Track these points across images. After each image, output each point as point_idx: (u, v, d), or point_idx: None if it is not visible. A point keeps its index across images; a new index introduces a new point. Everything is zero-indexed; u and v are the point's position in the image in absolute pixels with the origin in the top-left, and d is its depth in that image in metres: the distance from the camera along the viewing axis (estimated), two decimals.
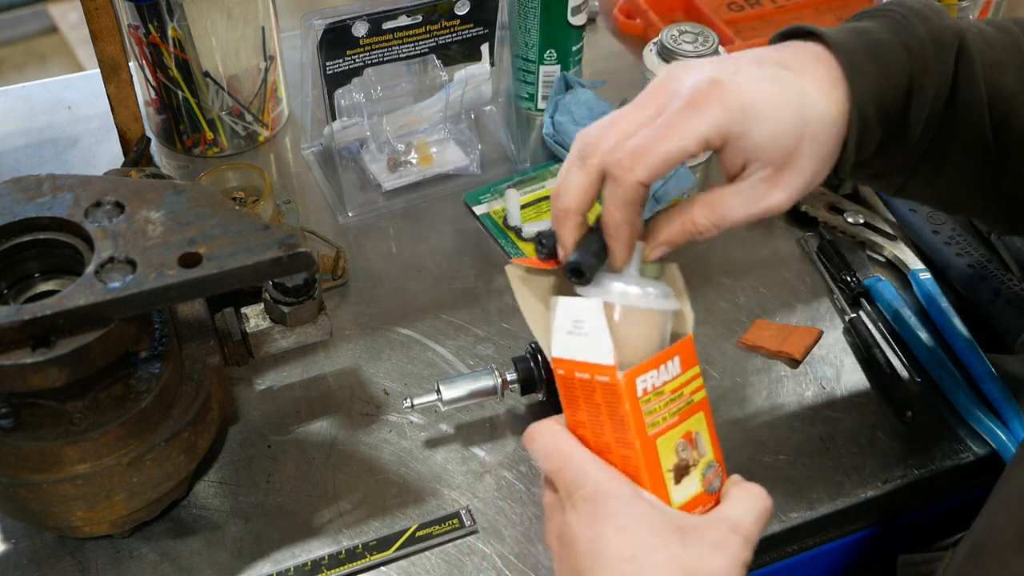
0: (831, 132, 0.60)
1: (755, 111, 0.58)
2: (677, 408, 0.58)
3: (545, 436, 0.60)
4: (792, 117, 0.59)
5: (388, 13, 0.92)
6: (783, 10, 1.25)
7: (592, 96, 1.03)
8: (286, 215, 0.93)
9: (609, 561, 0.54)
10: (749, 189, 0.60)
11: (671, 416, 0.58)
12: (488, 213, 0.99)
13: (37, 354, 0.59)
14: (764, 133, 0.58)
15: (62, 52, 2.89)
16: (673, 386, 0.58)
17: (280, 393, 0.84)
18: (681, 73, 0.60)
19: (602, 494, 0.56)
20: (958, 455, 0.81)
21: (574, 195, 0.60)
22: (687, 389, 0.59)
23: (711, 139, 0.58)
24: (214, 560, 0.73)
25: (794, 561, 0.79)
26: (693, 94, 0.58)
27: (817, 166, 0.60)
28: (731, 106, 0.58)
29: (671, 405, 0.58)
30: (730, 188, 0.60)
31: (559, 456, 0.59)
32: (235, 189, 0.93)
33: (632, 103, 0.61)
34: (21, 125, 1.10)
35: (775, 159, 0.59)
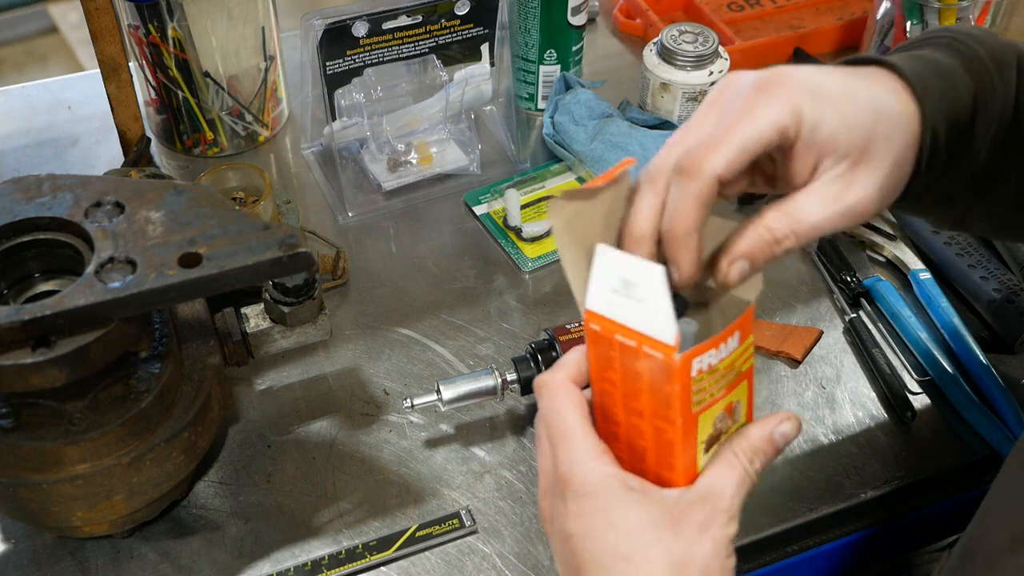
0: (904, 133, 0.57)
1: (825, 95, 0.55)
2: (726, 382, 0.55)
3: (552, 397, 0.57)
4: (864, 106, 0.56)
5: (388, 13, 0.92)
6: (783, 10, 1.25)
7: (592, 96, 1.03)
8: (286, 215, 0.93)
9: (603, 561, 0.53)
10: (824, 188, 0.56)
11: (718, 391, 0.55)
12: (488, 213, 0.99)
13: (37, 354, 0.59)
14: (837, 119, 0.55)
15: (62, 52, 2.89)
16: (727, 362, 0.55)
17: (280, 393, 0.84)
18: (738, 76, 0.57)
19: (590, 490, 0.54)
20: (958, 455, 0.81)
21: (644, 219, 0.56)
22: (739, 361, 0.56)
23: (786, 123, 0.54)
24: (214, 560, 0.73)
25: (794, 561, 0.79)
26: (760, 82, 0.55)
27: (892, 165, 0.57)
28: (800, 90, 0.55)
29: (721, 380, 0.55)
30: (804, 190, 0.56)
31: (558, 426, 0.56)
32: (235, 189, 0.93)
33: (692, 116, 0.58)
34: (21, 125, 1.10)
35: (850, 151, 0.55)
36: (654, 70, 1.02)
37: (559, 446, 0.56)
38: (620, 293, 0.52)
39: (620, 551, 0.53)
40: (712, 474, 0.54)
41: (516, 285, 0.93)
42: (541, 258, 0.95)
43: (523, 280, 0.94)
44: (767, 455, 0.55)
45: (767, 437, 0.56)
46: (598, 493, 0.54)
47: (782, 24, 1.23)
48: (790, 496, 0.78)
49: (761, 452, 0.55)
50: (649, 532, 0.53)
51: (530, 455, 0.80)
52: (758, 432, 0.56)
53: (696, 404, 0.53)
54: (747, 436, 0.56)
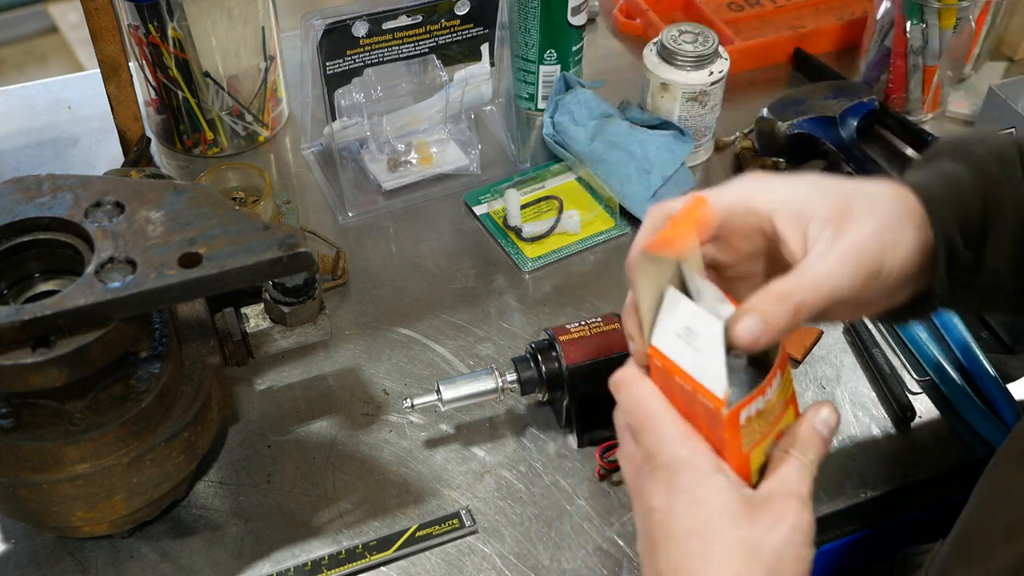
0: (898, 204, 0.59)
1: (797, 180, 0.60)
2: (773, 417, 0.58)
3: (631, 388, 0.59)
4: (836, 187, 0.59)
5: (388, 13, 0.92)
6: (783, 10, 1.25)
7: (592, 96, 1.03)
8: (286, 215, 0.93)
9: (678, 537, 0.54)
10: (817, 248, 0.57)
11: (767, 427, 0.57)
12: (488, 213, 0.99)
13: (37, 354, 0.59)
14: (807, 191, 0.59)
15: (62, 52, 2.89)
16: (774, 400, 0.57)
17: (280, 393, 0.84)
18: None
19: (679, 465, 0.55)
20: (958, 455, 0.81)
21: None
22: (783, 396, 0.58)
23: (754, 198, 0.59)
24: (214, 560, 0.73)
25: None
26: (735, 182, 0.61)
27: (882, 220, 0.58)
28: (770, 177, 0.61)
29: (769, 417, 0.57)
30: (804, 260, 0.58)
31: (642, 413, 0.57)
32: (235, 189, 0.93)
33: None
34: (21, 125, 1.10)
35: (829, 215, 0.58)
36: (654, 70, 1.02)
37: (646, 431, 0.57)
38: (682, 338, 0.56)
39: (696, 529, 0.54)
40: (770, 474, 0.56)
41: (516, 285, 0.93)
42: (541, 258, 0.95)
43: (523, 280, 0.94)
44: (816, 445, 0.57)
45: (811, 428, 0.57)
46: (688, 468, 0.55)
47: (782, 24, 1.23)
48: None
49: (810, 443, 0.57)
50: (726, 517, 0.54)
51: (530, 455, 0.80)
52: (802, 428, 0.58)
53: (747, 444, 0.56)
54: (792, 434, 0.58)
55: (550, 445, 0.81)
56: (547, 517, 0.76)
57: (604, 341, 0.78)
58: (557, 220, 0.97)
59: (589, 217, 0.98)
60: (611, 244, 0.97)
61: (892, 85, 1.10)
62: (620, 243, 0.97)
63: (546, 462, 0.79)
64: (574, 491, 0.78)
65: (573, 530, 0.75)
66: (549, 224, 0.97)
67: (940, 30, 1.04)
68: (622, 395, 0.59)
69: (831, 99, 1.06)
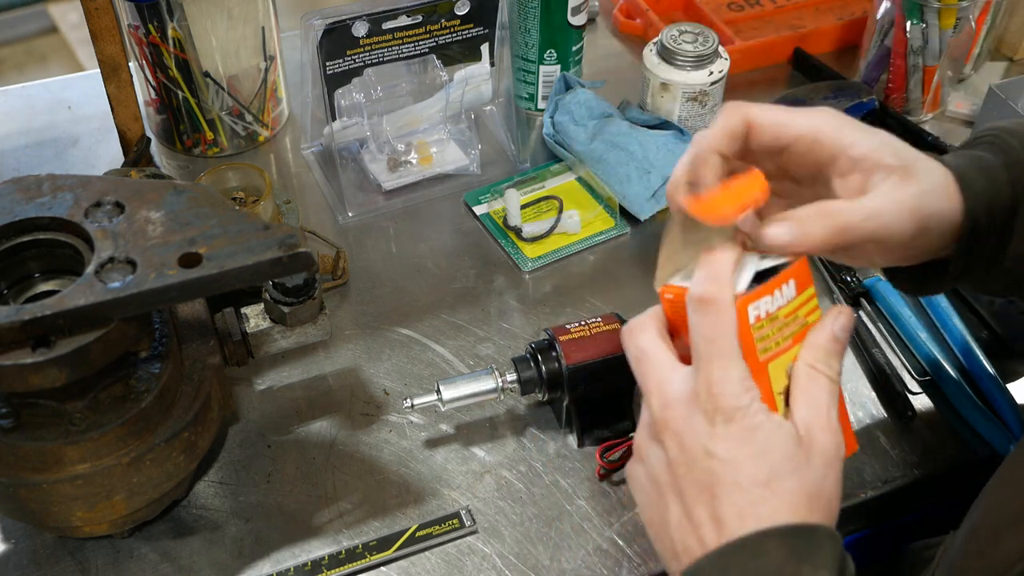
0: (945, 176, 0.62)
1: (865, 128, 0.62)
2: (791, 332, 0.59)
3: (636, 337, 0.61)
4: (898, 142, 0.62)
5: (388, 13, 0.92)
6: (783, 10, 1.25)
7: (592, 96, 1.03)
8: (286, 215, 0.93)
9: (744, 484, 0.56)
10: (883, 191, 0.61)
11: (784, 340, 0.58)
12: (488, 213, 0.99)
13: (37, 354, 0.59)
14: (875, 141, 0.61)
15: (62, 52, 2.89)
16: (787, 310, 0.58)
17: (280, 393, 0.84)
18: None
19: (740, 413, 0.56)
20: (958, 455, 0.81)
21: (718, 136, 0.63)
22: (802, 311, 0.59)
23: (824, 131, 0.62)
24: (214, 560, 0.73)
25: None
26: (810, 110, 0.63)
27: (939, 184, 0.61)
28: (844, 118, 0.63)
29: (785, 329, 0.58)
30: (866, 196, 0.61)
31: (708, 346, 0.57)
32: (235, 189, 0.93)
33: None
34: (21, 125, 1.10)
35: (894, 165, 0.61)
36: (654, 70, 1.02)
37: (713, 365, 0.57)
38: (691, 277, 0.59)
39: (761, 477, 0.56)
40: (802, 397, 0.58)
41: (516, 285, 0.93)
42: (541, 258, 0.95)
43: (523, 280, 0.94)
44: (839, 353, 0.59)
45: (831, 337, 0.59)
46: (747, 416, 0.57)
47: (782, 24, 1.23)
48: None
49: (834, 353, 0.59)
50: (789, 462, 0.56)
51: (530, 455, 0.80)
52: (821, 337, 0.59)
53: (762, 352, 0.57)
54: (813, 345, 0.59)
55: (550, 445, 0.81)
56: (547, 517, 0.76)
57: (604, 341, 0.78)
58: (557, 220, 0.97)
59: (589, 217, 0.98)
60: (611, 244, 0.97)
61: (892, 85, 1.10)
62: (620, 243, 0.97)
63: (546, 462, 0.79)
64: (574, 491, 0.78)
65: (573, 530, 0.75)
66: (549, 224, 0.97)
67: (940, 30, 1.04)
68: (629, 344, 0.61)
69: (831, 99, 1.06)
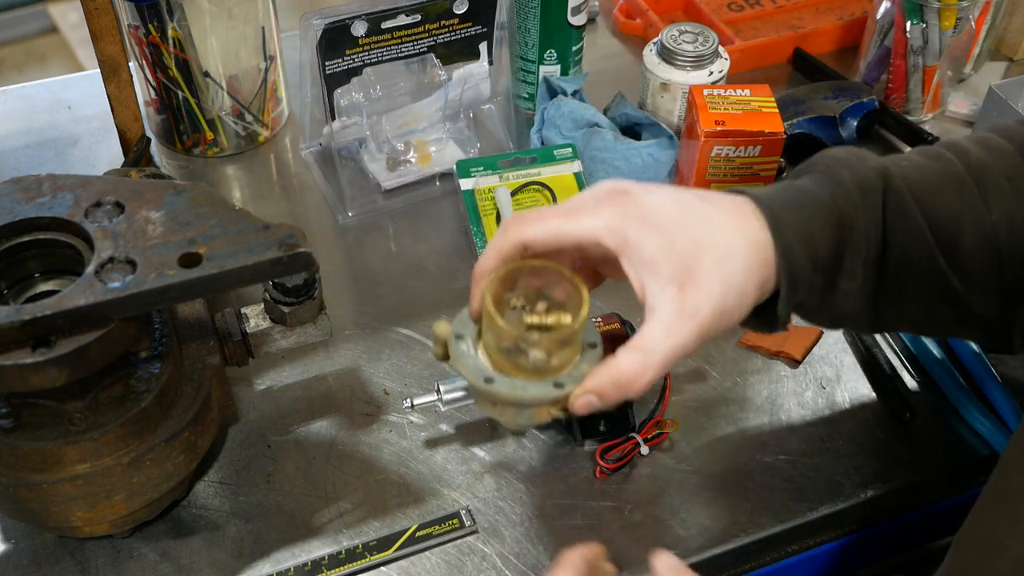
0: (747, 259, 0.60)
1: (655, 222, 0.60)
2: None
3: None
4: (693, 235, 0.60)
5: (387, 12, 0.92)
6: (783, 10, 1.25)
7: (577, 105, 1.02)
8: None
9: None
10: (663, 317, 0.59)
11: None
12: (472, 190, 0.97)
13: (37, 354, 0.59)
14: (658, 246, 0.59)
15: (62, 52, 2.89)
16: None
17: (280, 393, 0.84)
18: (606, 182, 0.64)
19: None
20: (958, 455, 0.81)
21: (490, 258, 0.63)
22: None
23: (601, 235, 0.60)
24: (214, 560, 0.73)
25: (794, 561, 0.79)
26: (603, 195, 0.62)
27: (727, 286, 0.60)
28: (630, 213, 0.60)
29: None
30: (648, 323, 0.60)
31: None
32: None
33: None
34: (21, 125, 1.10)
35: (673, 274, 0.59)
36: (654, 70, 1.02)
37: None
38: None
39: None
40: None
41: None
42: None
43: None
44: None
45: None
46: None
47: (782, 24, 1.23)
48: (790, 496, 0.78)
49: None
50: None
51: (530, 455, 0.80)
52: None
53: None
54: None
55: (550, 445, 0.81)
56: (547, 517, 0.76)
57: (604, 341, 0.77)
58: None
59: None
60: None
61: (892, 85, 1.10)
62: None
63: (546, 462, 0.79)
64: (574, 491, 0.78)
65: (573, 530, 0.75)
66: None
67: (940, 30, 1.04)
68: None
69: (831, 99, 1.06)
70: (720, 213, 0.62)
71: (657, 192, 0.62)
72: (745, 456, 0.80)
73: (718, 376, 0.85)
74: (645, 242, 0.59)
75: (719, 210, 0.62)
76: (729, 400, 0.84)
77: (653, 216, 0.60)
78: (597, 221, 0.61)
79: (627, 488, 0.78)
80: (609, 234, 0.60)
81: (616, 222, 0.60)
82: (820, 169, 0.66)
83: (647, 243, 0.59)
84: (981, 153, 0.67)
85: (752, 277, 0.61)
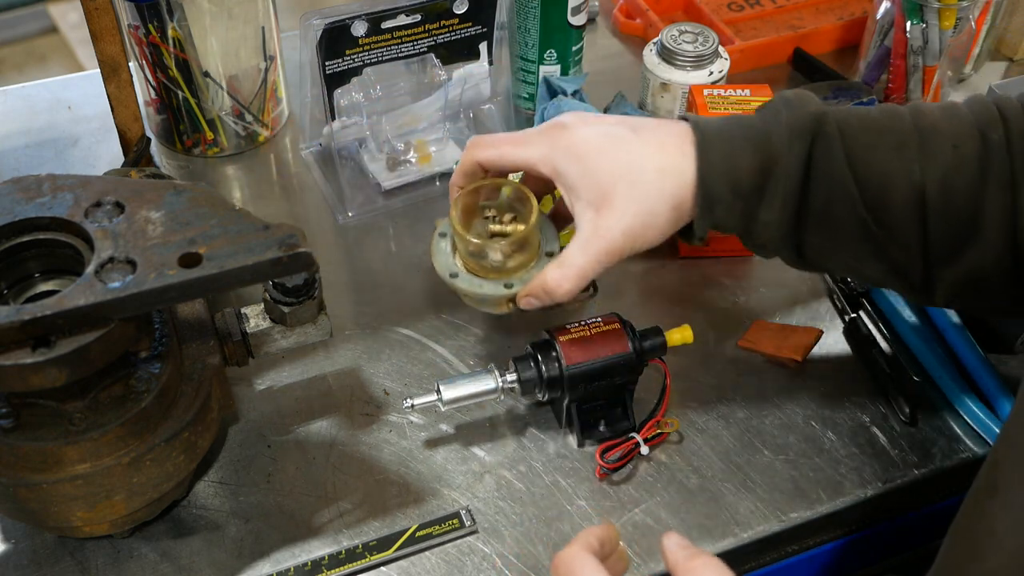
0: (660, 184, 0.68)
1: (579, 152, 0.69)
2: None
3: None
4: (612, 163, 0.68)
5: (387, 12, 0.92)
6: (783, 10, 1.25)
7: (576, 106, 1.01)
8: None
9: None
10: (584, 236, 0.69)
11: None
12: None
13: (37, 354, 0.59)
14: (580, 172, 0.69)
15: (62, 52, 2.89)
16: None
17: (280, 393, 0.84)
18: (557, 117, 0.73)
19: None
20: (958, 455, 0.81)
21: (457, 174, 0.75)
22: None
23: (537, 163, 0.71)
24: (214, 560, 0.73)
25: (794, 561, 0.79)
26: (545, 127, 0.72)
27: (638, 208, 0.68)
28: (559, 144, 0.70)
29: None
30: (572, 242, 0.70)
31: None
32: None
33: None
34: (21, 125, 1.10)
35: (591, 198, 0.68)
36: (654, 70, 1.02)
37: None
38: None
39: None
40: None
41: None
42: None
43: None
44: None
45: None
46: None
47: (782, 24, 1.23)
48: (790, 496, 0.78)
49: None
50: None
51: (530, 455, 0.80)
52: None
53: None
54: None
55: (550, 445, 0.81)
56: (547, 517, 0.76)
57: (604, 341, 0.78)
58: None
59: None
60: None
61: (892, 85, 1.10)
62: None
63: (546, 462, 0.79)
64: (574, 491, 0.78)
65: (573, 530, 0.75)
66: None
67: (940, 30, 1.04)
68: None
69: (831, 99, 1.06)
70: (642, 143, 0.69)
71: (590, 124, 0.70)
72: (745, 456, 0.80)
73: (718, 376, 0.85)
74: (569, 170, 0.69)
75: (643, 140, 0.69)
76: (729, 400, 0.84)
77: (578, 147, 0.69)
78: (533, 151, 0.71)
79: (627, 488, 0.78)
80: (542, 163, 0.70)
81: (547, 152, 0.70)
82: (769, 106, 0.71)
83: (571, 171, 0.69)
84: (938, 118, 0.69)
85: (664, 200, 0.68)
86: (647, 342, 0.79)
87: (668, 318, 0.85)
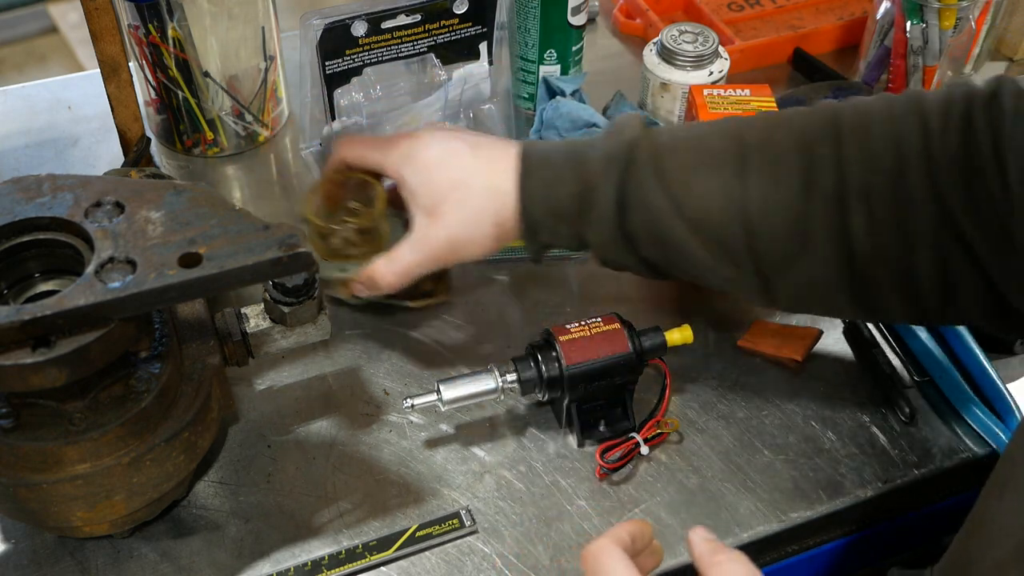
0: (485, 202, 0.74)
1: (421, 165, 0.75)
2: None
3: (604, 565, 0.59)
4: (447, 177, 0.74)
5: (387, 12, 0.92)
6: (783, 10, 1.25)
7: (574, 106, 1.02)
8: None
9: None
10: (414, 237, 0.75)
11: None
12: None
13: (37, 354, 0.59)
14: (418, 181, 0.75)
15: (62, 52, 2.88)
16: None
17: (280, 393, 0.84)
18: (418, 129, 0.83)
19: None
20: (958, 455, 0.81)
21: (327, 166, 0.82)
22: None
23: (387, 168, 0.77)
24: (214, 560, 0.73)
25: (794, 561, 0.79)
26: (404, 136, 0.78)
27: (464, 221, 0.74)
28: (407, 153, 0.76)
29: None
30: (403, 240, 0.76)
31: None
32: None
33: None
34: (21, 125, 1.10)
35: (426, 205, 0.74)
36: (654, 70, 1.02)
37: None
38: None
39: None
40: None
41: (516, 285, 0.93)
42: None
43: (523, 280, 0.94)
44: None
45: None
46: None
47: (782, 24, 1.23)
48: (790, 496, 0.78)
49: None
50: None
51: (530, 455, 0.80)
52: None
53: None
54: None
55: (550, 445, 0.81)
56: (547, 517, 0.76)
57: (604, 341, 0.78)
58: None
59: None
60: None
61: (892, 85, 1.10)
62: None
63: (546, 462, 0.80)
64: (574, 491, 0.78)
65: (573, 530, 0.75)
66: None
67: (940, 30, 1.04)
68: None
69: (831, 99, 1.06)
70: (476, 161, 0.75)
71: (434, 137, 0.76)
72: (745, 456, 0.80)
73: (718, 376, 0.85)
74: (412, 178, 0.75)
75: (478, 158, 0.75)
76: (729, 400, 0.84)
77: (422, 158, 0.75)
78: (387, 157, 0.76)
79: (627, 488, 0.78)
80: (392, 168, 0.76)
81: (397, 160, 0.76)
82: (603, 131, 0.76)
83: (413, 179, 0.75)
84: (761, 134, 0.71)
85: (487, 217, 0.74)
86: (647, 342, 0.79)
87: (668, 318, 0.85)
